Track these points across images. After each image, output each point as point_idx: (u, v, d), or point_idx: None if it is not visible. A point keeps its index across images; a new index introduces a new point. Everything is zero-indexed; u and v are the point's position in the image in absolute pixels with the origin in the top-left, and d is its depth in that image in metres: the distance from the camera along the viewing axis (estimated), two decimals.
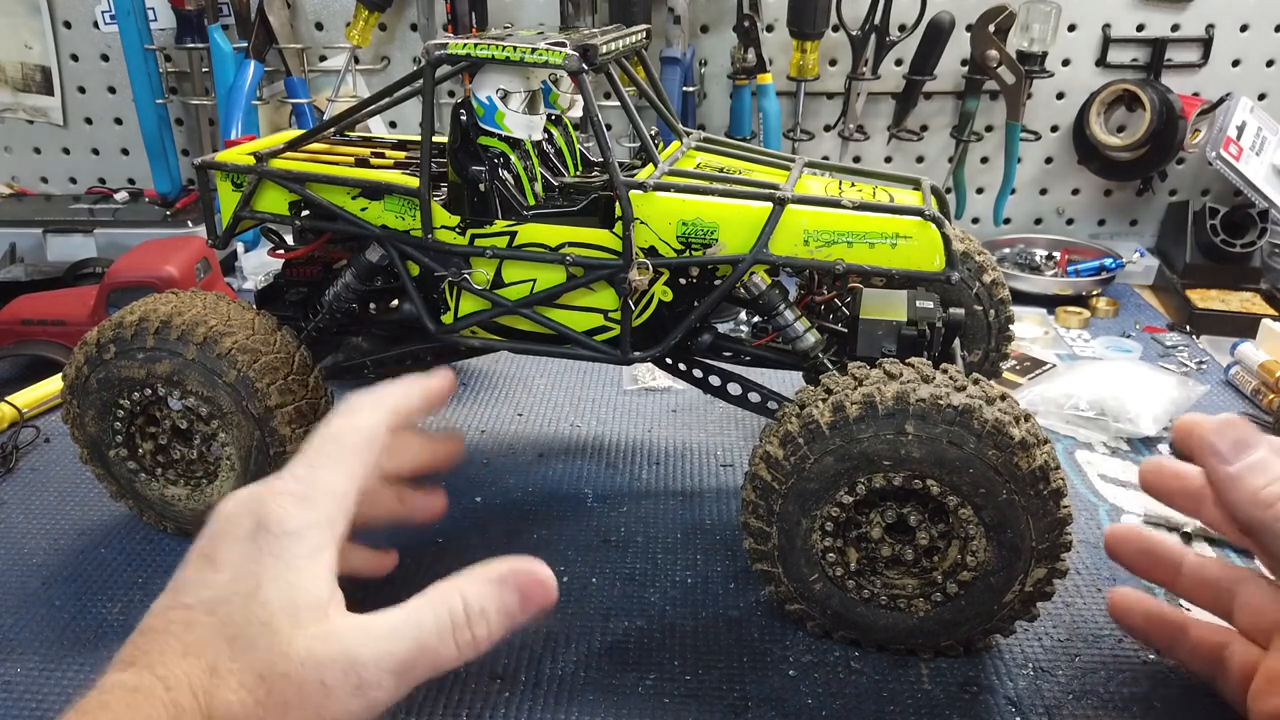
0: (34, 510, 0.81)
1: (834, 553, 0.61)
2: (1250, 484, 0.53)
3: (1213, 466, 0.54)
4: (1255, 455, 0.53)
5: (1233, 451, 0.54)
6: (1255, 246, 1.27)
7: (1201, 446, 0.55)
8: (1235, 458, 0.54)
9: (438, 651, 0.45)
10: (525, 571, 0.47)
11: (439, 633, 0.45)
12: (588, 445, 0.92)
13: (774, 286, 0.70)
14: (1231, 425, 0.55)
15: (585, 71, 0.64)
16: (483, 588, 0.46)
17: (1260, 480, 0.52)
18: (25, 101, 1.49)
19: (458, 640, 0.45)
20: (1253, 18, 1.34)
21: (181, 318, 0.69)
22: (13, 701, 0.60)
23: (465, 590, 0.46)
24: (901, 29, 1.30)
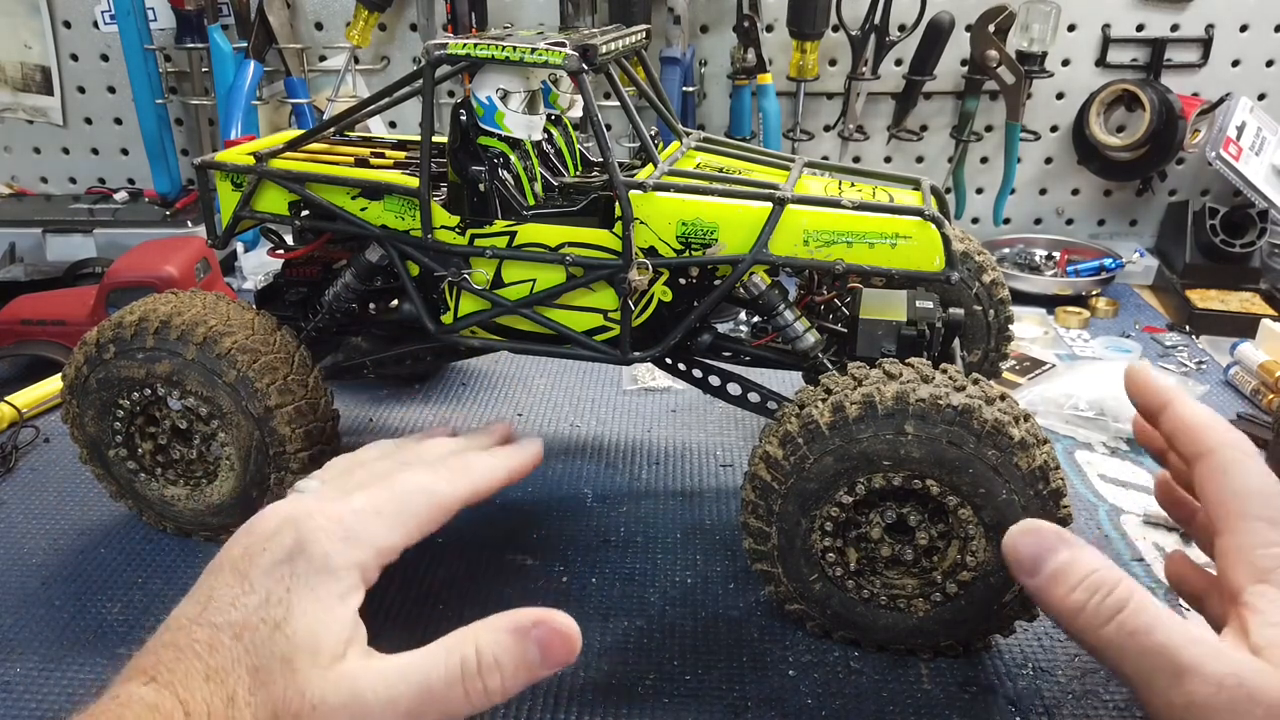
0: (34, 510, 0.81)
1: (834, 553, 0.61)
2: (1056, 595, 0.48)
3: (1024, 583, 0.50)
4: (1056, 561, 0.48)
5: (1032, 563, 0.49)
6: (1255, 246, 1.27)
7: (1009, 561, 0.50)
8: (1037, 569, 0.49)
9: (446, 699, 0.44)
10: (547, 623, 0.45)
11: (448, 680, 0.44)
12: (588, 445, 0.92)
13: (774, 286, 0.70)
14: (1028, 532, 0.50)
15: (585, 71, 0.64)
16: (499, 637, 0.45)
17: (1063, 589, 0.48)
18: (25, 101, 1.49)
19: (468, 689, 0.44)
20: (1253, 18, 1.34)
21: (181, 318, 0.69)
22: (12, 701, 0.60)
23: (480, 638, 0.45)
24: (901, 29, 1.31)
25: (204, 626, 0.42)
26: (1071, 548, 0.49)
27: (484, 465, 0.54)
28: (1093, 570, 0.48)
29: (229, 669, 0.41)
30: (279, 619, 0.43)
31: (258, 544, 0.45)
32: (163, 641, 0.42)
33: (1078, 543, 0.50)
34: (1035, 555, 0.49)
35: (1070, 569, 0.48)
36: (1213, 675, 0.44)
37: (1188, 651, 0.45)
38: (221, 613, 0.43)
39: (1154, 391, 0.57)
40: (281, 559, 0.44)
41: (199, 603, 0.43)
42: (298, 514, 0.46)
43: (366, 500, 0.48)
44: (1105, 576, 0.47)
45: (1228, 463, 0.52)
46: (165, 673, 0.41)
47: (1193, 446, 0.54)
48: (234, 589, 0.43)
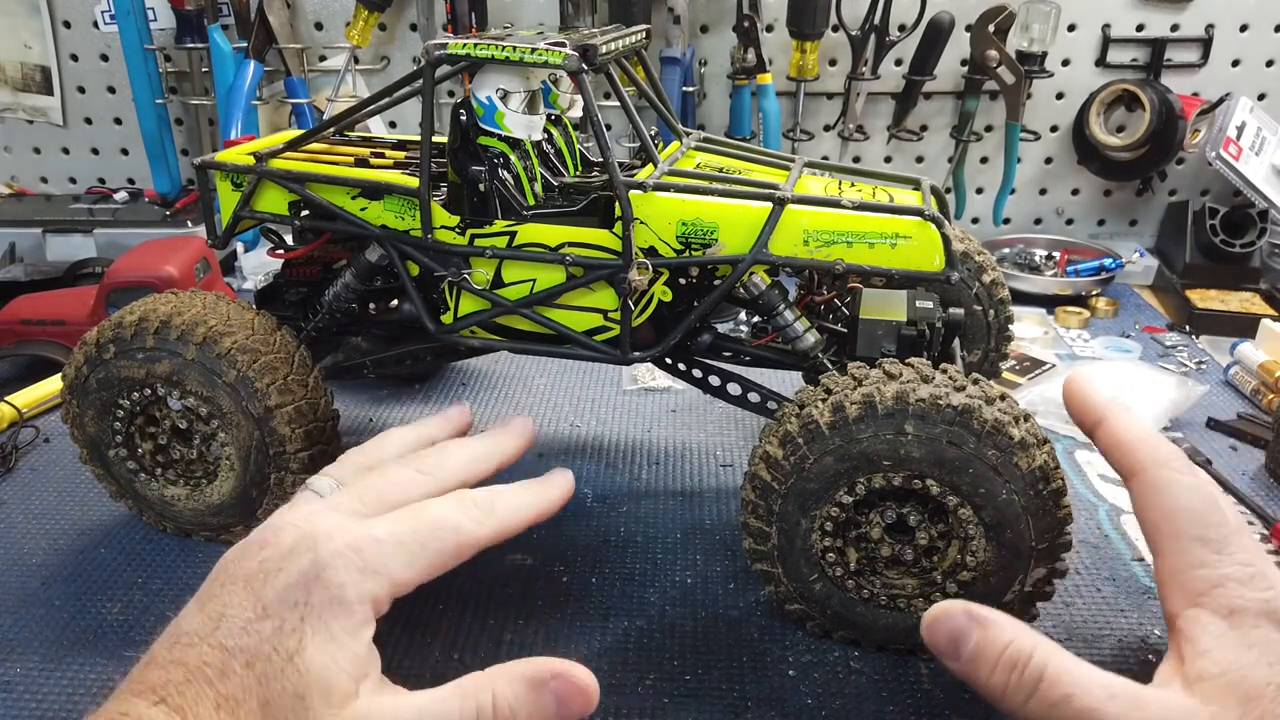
0: (34, 510, 0.81)
1: (834, 553, 0.61)
2: (980, 679, 0.47)
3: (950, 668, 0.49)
4: (970, 644, 0.48)
5: (951, 648, 0.48)
6: (1255, 246, 1.27)
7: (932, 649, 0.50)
8: (956, 654, 0.48)
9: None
10: (565, 676, 0.45)
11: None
12: (588, 445, 0.92)
13: (774, 286, 0.70)
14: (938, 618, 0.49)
15: (585, 71, 0.64)
16: (517, 688, 0.44)
17: (984, 671, 0.47)
18: (25, 101, 1.49)
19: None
20: (1253, 18, 1.34)
21: (181, 318, 0.69)
22: (12, 701, 0.60)
23: (498, 687, 0.44)
24: (901, 29, 1.31)
25: (215, 649, 0.41)
26: (983, 626, 0.48)
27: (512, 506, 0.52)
28: (1005, 644, 0.47)
29: (240, 699, 0.40)
30: (292, 651, 0.41)
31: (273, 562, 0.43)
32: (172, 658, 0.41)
33: (988, 618, 0.48)
34: (951, 639, 0.49)
35: (985, 649, 0.47)
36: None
37: (1109, 709, 0.44)
38: (234, 636, 0.41)
39: (1089, 406, 0.56)
40: (297, 583, 0.43)
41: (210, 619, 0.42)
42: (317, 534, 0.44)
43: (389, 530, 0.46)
44: (1019, 648, 0.47)
45: (1159, 482, 0.51)
46: (175, 695, 0.39)
47: (1125, 465, 0.53)
48: (247, 611, 0.42)
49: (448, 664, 0.62)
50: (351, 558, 0.44)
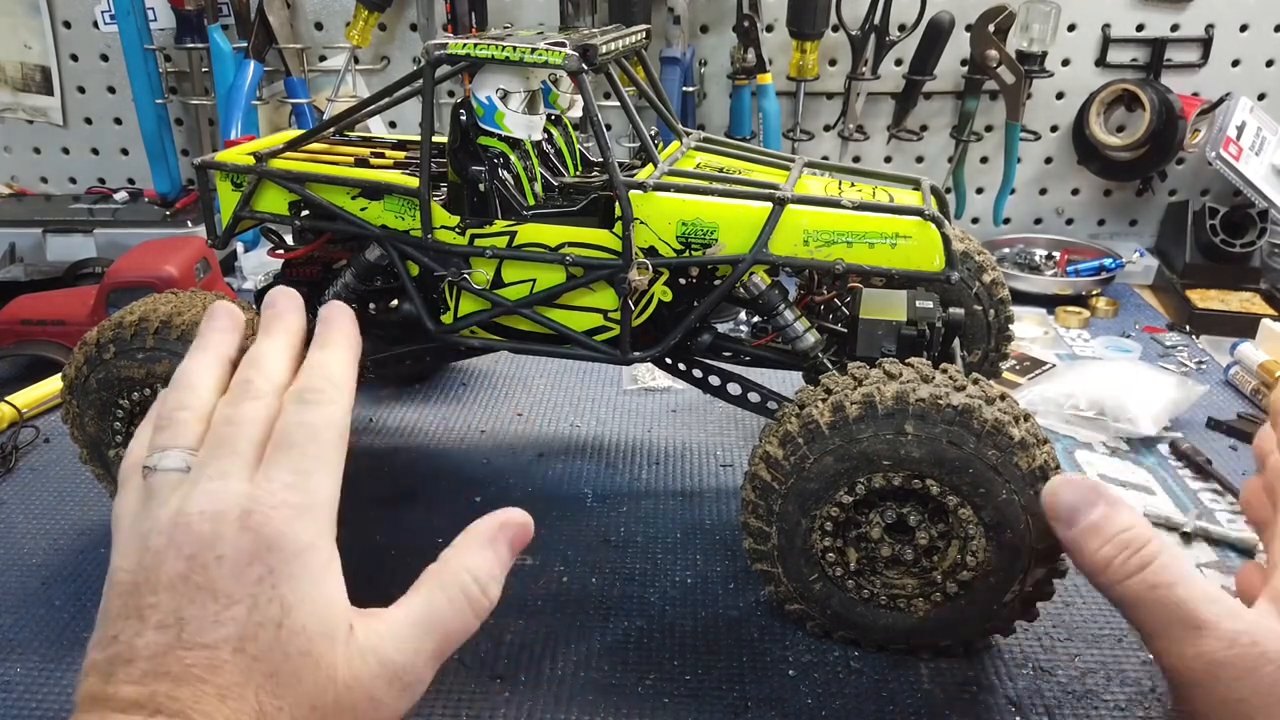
0: (34, 510, 0.81)
1: (834, 553, 0.61)
2: (1088, 549, 0.50)
3: (1058, 532, 0.52)
4: (1092, 516, 0.50)
5: (1069, 515, 0.51)
6: (1255, 246, 1.27)
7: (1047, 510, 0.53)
8: (1073, 521, 0.51)
9: (463, 629, 0.46)
10: (509, 524, 0.48)
11: (459, 613, 0.46)
12: (588, 445, 0.92)
13: (774, 286, 0.70)
14: (1067, 485, 0.52)
15: (585, 71, 0.64)
16: (484, 554, 0.47)
17: (1095, 543, 0.50)
18: (25, 101, 1.49)
19: (475, 612, 0.46)
20: (1253, 18, 1.34)
21: (181, 318, 0.69)
22: (12, 701, 0.60)
23: (469, 563, 0.47)
24: (901, 29, 1.31)
25: (192, 649, 0.39)
26: (1109, 504, 0.51)
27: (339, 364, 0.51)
28: (1126, 528, 0.49)
29: (242, 683, 0.39)
30: (278, 617, 0.41)
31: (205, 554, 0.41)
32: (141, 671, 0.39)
33: (1115, 499, 0.51)
34: (1072, 508, 0.51)
35: (1104, 525, 0.50)
36: (1227, 632, 0.45)
37: (1205, 609, 0.46)
38: (206, 632, 0.40)
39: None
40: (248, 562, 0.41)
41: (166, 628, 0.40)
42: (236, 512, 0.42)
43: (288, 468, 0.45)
44: (1137, 534, 0.49)
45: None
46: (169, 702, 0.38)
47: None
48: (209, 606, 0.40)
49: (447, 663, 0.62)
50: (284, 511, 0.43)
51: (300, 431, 0.47)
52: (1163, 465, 0.88)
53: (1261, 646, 0.45)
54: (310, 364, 0.51)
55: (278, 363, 0.51)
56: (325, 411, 0.48)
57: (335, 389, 0.49)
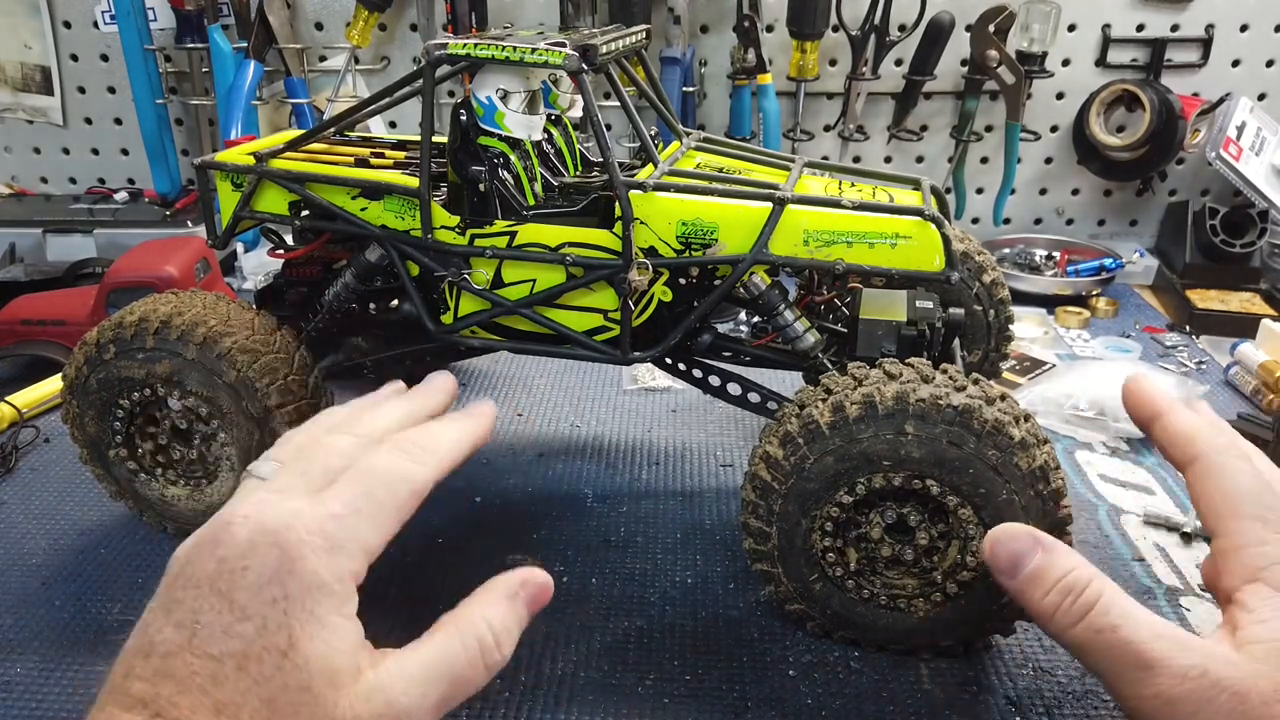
0: (34, 510, 0.81)
1: (834, 553, 0.61)
2: (1032, 598, 0.50)
3: (1004, 585, 0.52)
4: (1031, 565, 0.50)
5: (1009, 566, 0.51)
6: (1255, 246, 1.27)
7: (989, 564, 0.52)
8: (1014, 572, 0.51)
9: (472, 679, 0.46)
10: (529, 582, 0.49)
11: (471, 663, 0.45)
12: (588, 445, 0.91)
13: (774, 286, 0.70)
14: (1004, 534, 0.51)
15: (585, 71, 0.64)
16: (502, 608, 0.48)
17: (1038, 592, 0.49)
18: (25, 101, 1.49)
19: (487, 664, 0.46)
20: (1253, 18, 1.34)
21: (181, 318, 0.69)
22: (12, 701, 0.60)
23: (488, 615, 0.47)
24: (901, 29, 1.31)
25: (200, 657, 0.40)
26: (1047, 551, 0.50)
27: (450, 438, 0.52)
28: (1066, 572, 0.49)
29: (240, 702, 0.39)
30: (284, 647, 0.41)
31: (234, 561, 0.42)
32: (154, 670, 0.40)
33: (1054, 546, 0.51)
34: (1012, 558, 0.51)
35: (1044, 571, 0.50)
36: (1178, 668, 0.45)
37: (1153, 647, 0.46)
38: (216, 642, 0.40)
39: (1148, 401, 0.57)
40: (269, 580, 0.42)
41: (183, 628, 0.41)
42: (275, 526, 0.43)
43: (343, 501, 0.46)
44: (1078, 577, 0.49)
45: (1217, 467, 0.52)
46: (169, 707, 0.38)
47: (1183, 454, 0.54)
48: (223, 615, 0.41)
49: None
50: (317, 541, 0.43)
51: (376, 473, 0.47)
52: (1163, 465, 0.88)
53: (1212, 676, 0.45)
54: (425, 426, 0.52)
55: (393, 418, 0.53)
56: (410, 466, 0.49)
57: (433, 455, 0.50)
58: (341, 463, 0.49)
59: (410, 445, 0.50)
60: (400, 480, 0.48)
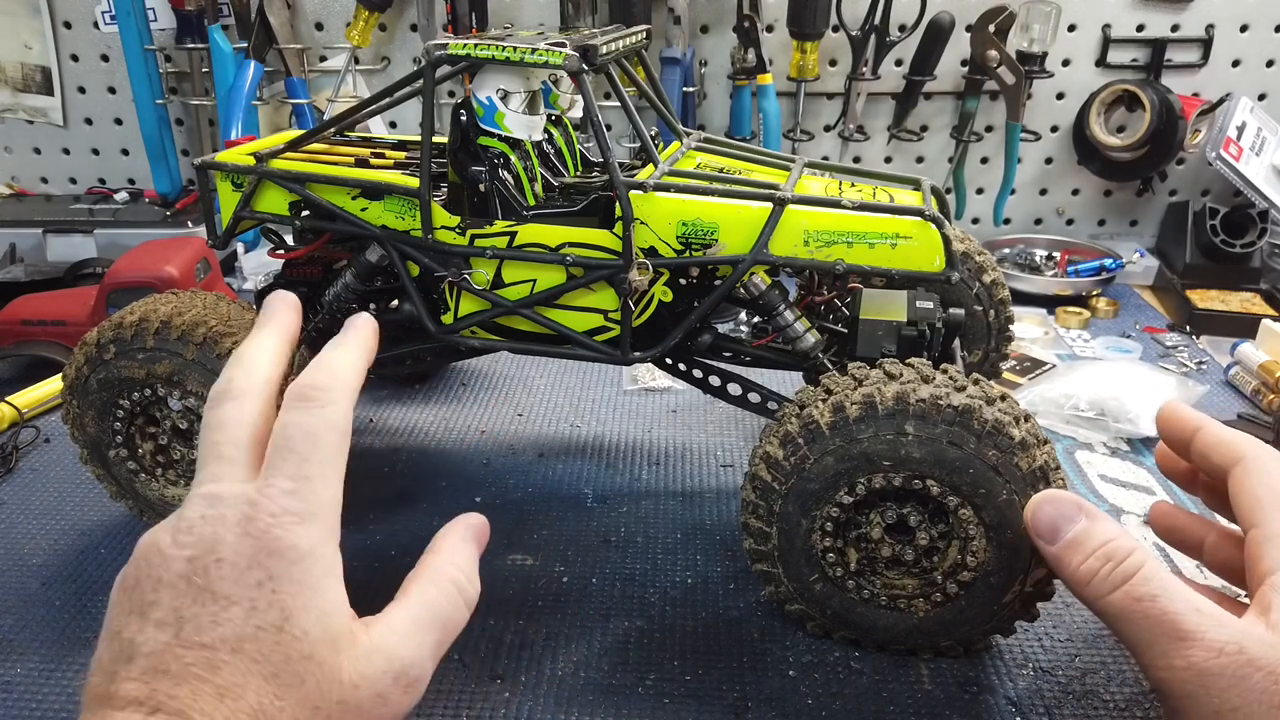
0: (34, 510, 0.81)
1: (834, 553, 0.61)
2: (1071, 563, 0.51)
3: (1041, 549, 0.53)
4: (1072, 531, 0.51)
5: (1050, 531, 0.52)
6: (1255, 247, 1.27)
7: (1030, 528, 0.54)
8: (1054, 537, 0.52)
9: (457, 621, 0.48)
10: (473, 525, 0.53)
11: (453, 604, 0.48)
12: (588, 445, 0.92)
13: (774, 287, 0.70)
14: (1048, 501, 0.53)
15: (585, 72, 0.64)
16: (464, 550, 0.51)
17: (1078, 557, 0.50)
18: (25, 101, 1.49)
19: (466, 602, 0.49)
20: (1253, 18, 1.34)
21: (181, 318, 0.69)
22: (13, 702, 0.60)
23: (454, 560, 0.50)
24: (901, 29, 1.31)
25: (190, 648, 0.40)
26: (1090, 518, 0.51)
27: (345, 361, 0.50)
28: (1107, 540, 0.50)
29: (242, 683, 0.39)
30: (277, 622, 0.41)
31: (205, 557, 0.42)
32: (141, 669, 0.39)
33: (1096, 513, 0.52)
34: (1053, 523, 0.52)
35: (1085, 538, 0.51)
36: (1214, 642, 0.46)
37: (1190, 619, 0.46)
38: (205, 631, 0.40)
39: (1185, 420, 0.59)
40: (246, 566, 0.41)
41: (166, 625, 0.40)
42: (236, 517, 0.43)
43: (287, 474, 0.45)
44: (1119, 546, 0.49)
45: (1260, 466, 0.54)
46: (168, 700, 0.38)
47: (1227, 458, 0.56)
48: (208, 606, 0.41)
49: (448, 663, 0.62)
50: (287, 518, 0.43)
51: (300, 434, 0.46)
52: None
53: (1248, 654, 0.45)
54: (318, 360, 0.50)
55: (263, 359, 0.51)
56: (325, 413, 0.47)
57: (338, 388, 0.49)
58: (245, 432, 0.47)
59: (316, 389, 0.48)
60: (325, 430, 0.47)
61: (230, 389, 0.49)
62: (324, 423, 0.47)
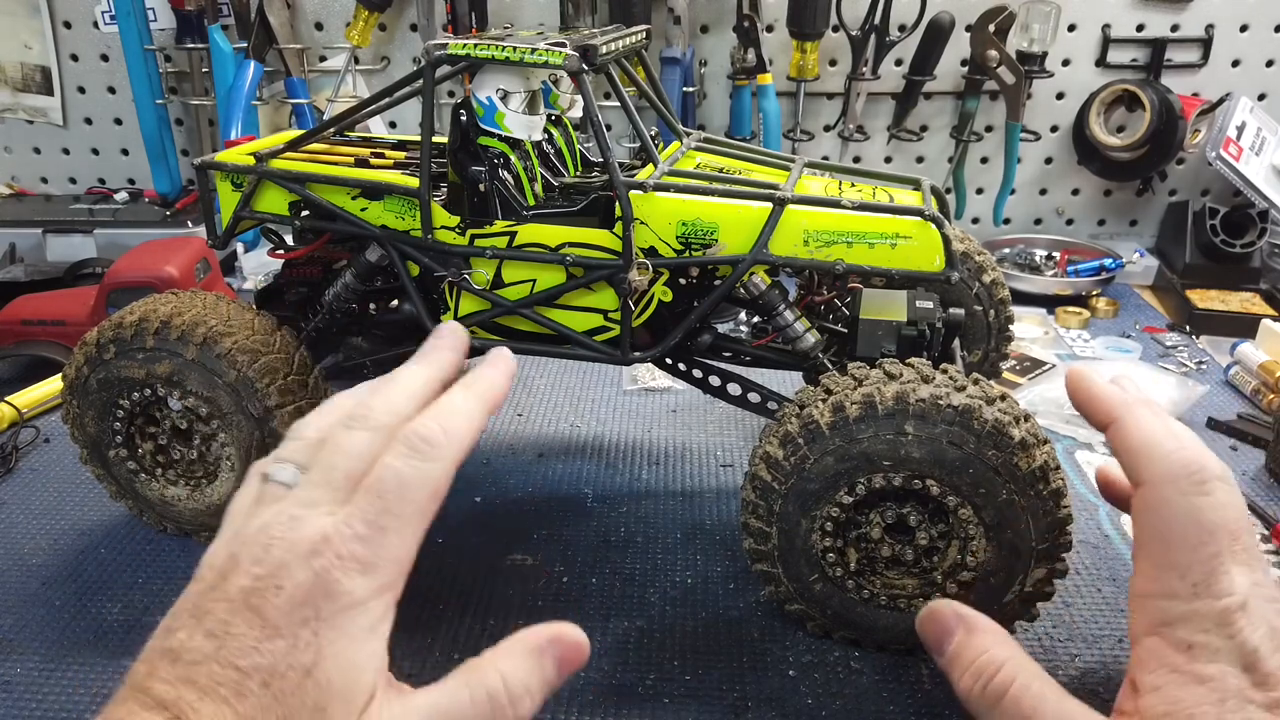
0: (34, 510, 0.81)
1: (834, 553, 0.61)
2: (953, 679, 0.49)
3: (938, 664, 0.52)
4: (950, 645, 0.50)
5: (935, 645, 0.51)
6: (1255, 246, 1.27)
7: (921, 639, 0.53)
8: (939, 650, 0.51)
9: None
10: (560, 639, 0.45)
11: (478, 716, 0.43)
12: (588, 445, 0.92)
13: (774, 287, 0.70)
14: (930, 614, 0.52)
15: (585, 72, 0.64)
16: (522, 662, 0.45)
17: (957, 673, 0.49)
18: (25, 101, 1.49)
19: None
20: (1253, 18, 1.34)
21: (181, 318, 0.69)
22: (13, 702, 0.60)
23: (503, 667, 0.44)
24: (901, 29, 1.31)
25: (226, 668, 0.40)
26: (967, 631, 0.50)
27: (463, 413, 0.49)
28: (980, 652, 0.49)
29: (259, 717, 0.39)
30: (309, 665, 0.41)
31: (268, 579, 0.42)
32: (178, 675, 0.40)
33: (974, 624, 0.50)
34: (936, 637, 0.51)
35: (960, 653, 0.50)
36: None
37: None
38: (245, 655, 0.40)
39: (1099, 403, 0.53)
40: (303, 600, 0.42)
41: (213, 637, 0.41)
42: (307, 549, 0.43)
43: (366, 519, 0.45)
44: (990, 659, 0.48)
45: (1157, 502, 0.49)
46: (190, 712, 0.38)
47: (1131, 475, 0.51)
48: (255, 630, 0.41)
49: (448, 664, 0.62)
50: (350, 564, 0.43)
51: (393, 482, 0.46)
52: None
53: None
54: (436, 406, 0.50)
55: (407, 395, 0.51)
56: (424, 469, 0.47)
57: (448, 446, 0.48)
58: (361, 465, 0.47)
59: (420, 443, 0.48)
60: (418, 485, 0.46)
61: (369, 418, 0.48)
62: (421, 478, 0.46)
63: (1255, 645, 0.45)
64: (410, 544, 0.46)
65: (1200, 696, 0.45)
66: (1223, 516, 0.48)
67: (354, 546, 0.43)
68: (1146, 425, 0.51)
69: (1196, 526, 0.48)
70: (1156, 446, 0.50)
